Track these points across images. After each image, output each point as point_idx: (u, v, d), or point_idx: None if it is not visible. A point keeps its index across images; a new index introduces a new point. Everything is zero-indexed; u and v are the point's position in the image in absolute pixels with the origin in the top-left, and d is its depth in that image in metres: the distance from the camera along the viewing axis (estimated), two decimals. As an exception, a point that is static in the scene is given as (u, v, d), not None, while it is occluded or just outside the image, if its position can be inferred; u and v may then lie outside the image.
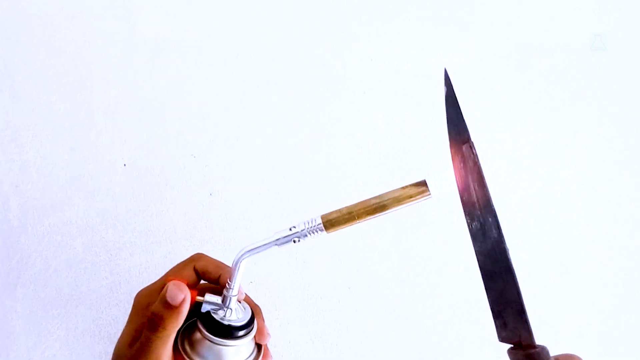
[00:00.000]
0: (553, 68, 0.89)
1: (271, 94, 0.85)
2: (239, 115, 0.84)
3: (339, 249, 0.84)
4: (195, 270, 0.56)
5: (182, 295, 0.50)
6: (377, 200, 0.51)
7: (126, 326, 0.53)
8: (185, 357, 0.52)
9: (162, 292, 0.51)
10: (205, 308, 0.53)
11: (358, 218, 0.51)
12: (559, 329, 0.86)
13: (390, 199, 0.51)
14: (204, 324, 0.53)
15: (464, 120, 0.49)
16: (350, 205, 0.51)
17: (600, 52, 0.90)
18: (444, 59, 0.88)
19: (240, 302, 0.56)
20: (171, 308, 0.50)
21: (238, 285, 0.53)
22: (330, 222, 0.51)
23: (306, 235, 0.51)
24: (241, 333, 0.53)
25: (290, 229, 0.51)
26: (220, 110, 0.84)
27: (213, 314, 0.53)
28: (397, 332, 0.84)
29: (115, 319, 0.80)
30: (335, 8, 0.88)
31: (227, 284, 0.53)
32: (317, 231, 0.51)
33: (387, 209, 0.51)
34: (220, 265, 0.57)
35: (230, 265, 0.53)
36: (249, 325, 0.54)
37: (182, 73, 0.83)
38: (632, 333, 0.87)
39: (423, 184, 0.50)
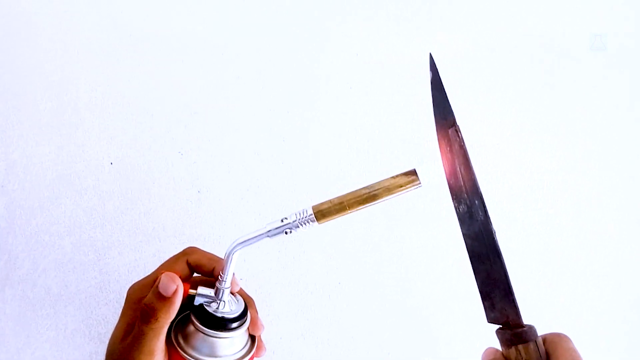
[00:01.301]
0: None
1: (258, 90, 0.85)
2: (226, 112, 0.84)
3: (329, 244, 0.84)
4: (189, 264, 0.56)
5: (174, 286, 0.50)
6: (368, 190, 0.51)
7: (119, 320, 0.53)
8: (179, 350, 0.52)
9: (155, 284, 0.51)
10: (198, 301, 0.53)
11: (349, 208, 0.51)
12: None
13: (380, 188, 0.51)
14: (197, 317, 0.53)
15: (449, 105, 0.49)
16: (341, 196, 0.52)
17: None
18: (430, 51, 0.89)
19: (233, 294, 0.56)
20: (164, 299, 0.50)
21: (230, 278, 0.53)
22: (322, 213, 0.51)
23: (298, 227, 0.51)
24: (234, 325, 0.53)
25: (282, 220, 0.52)
26: (207, 107, 0.83)
27: (206, 307, 0.53)
28: (388, 325, 0.84)
29: (105, 319, 0.79)
30: (320, 4, 0.88)
31: (219, 277, 0.53)
32: (308, 222, 0.51)
33: (378, 198, 0.51)
34: (213, 258, 0.57)
35: (223, 258, 0.53)
36: (242, 317, 0.54)
37: (169, 70, 0.83)
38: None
39: (413, 173, 0.50)
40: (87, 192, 0.80)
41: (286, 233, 0.52)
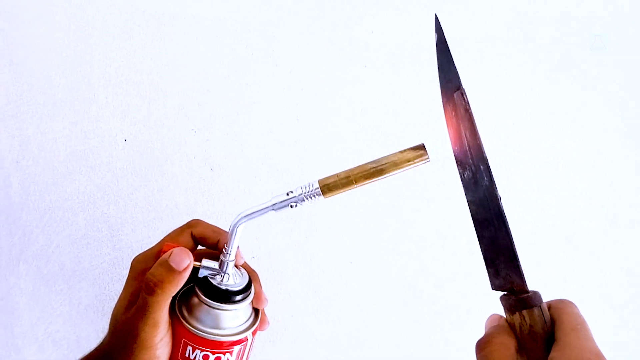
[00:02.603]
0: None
1: (272, 68, 0.84)
2: (240, 89, 0.83)
3: (341, 223, 0.83)
4: (193, 236, 0.56)
5: (187, 261, 0.50)
6: (375, 165, 0.51)
7: (123, 291, 0.54)
8: (183, 321, 0.52)
9: (164, 256, 0.51)
10: (202, 273, 0.53)
11: (355, 182, 0.50)
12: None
13: (388, 163, 0.50)
14: (202, 289, 0.53)
15: (455, 67, 0.48)
16: (348, 170, 0.51)
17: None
18: (446, 31, 0.87)
19: (237, 267, 0.56)
20: (174, 272, 0.50)
21: (235, 250, 0.53)
22: (328, 187, 0.51)
23: (303, 200, 0.51)
24: (238, 297, 0.53)
25: (288, 194, 0.51)
26: (220, 84, 0.83)
27: (210, 279, 0.53)
28: (399, 303, 0.84)
29: (118, 294, 0.80)
30: (335, -19, 0.87)
31: (224, 249, 0.53)
32: (314, 196, 0.51)
33: (385, 173, 0.50)
34: (218, 230, 0.57)
35: (227, 231, 0.53)
36: (246, 290, 0.54)
37: (182, 47, 0.83)
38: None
39: (421, 147, 0.49)
40: (101, 169, 0.80)
41: (292, 207, 0.51)
